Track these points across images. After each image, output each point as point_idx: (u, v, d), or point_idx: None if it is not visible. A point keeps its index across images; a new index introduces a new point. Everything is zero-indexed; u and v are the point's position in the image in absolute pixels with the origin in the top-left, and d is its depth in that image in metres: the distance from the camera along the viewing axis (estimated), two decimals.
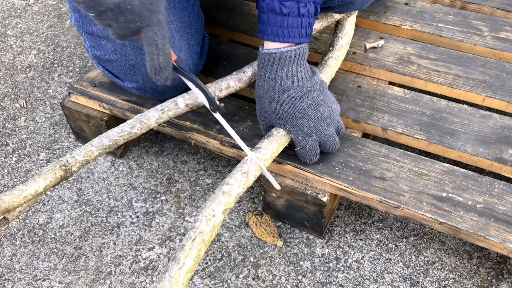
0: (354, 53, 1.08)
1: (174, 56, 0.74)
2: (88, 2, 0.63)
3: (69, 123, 1.14)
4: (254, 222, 0.99)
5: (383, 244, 0.95)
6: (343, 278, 0.91)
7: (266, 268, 0.93)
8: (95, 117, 1.06)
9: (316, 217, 0.92)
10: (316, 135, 0.84)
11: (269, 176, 0.85)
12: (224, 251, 0.96)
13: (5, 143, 1.19)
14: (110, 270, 0.94)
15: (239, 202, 1.03)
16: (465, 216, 0.80)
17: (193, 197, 1.05)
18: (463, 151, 0.89)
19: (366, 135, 0.99)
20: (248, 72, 0.90)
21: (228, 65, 1.08)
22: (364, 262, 0.93)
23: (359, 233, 0.97)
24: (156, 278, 0.92)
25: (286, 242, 0.96)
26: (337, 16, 1.00)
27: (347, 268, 0.92)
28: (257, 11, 0.81)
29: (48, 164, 1.12)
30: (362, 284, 0.90)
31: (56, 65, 1.39)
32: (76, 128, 1.14)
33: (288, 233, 0.98)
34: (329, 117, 0.85)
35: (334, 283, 0.90)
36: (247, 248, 0.96)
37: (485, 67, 1.03)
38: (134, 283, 0.92)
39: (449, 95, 1.01)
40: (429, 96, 0.99)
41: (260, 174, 0.81)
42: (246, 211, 1.01)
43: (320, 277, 0.91)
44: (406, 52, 1.07)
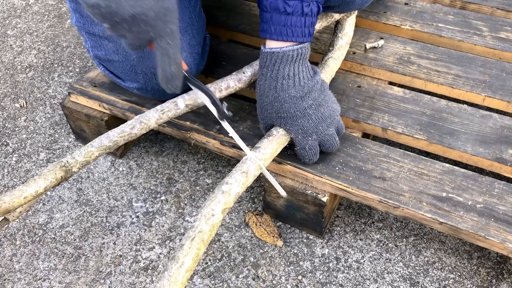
0: (354, 53, 1.08)
1: (185, 66, 0.75)
2: (104, 13, 0.63)
3: (69, 123, 1.14)
4: (254, 222, 0.99)
5: (383, 244, 0.95)
6: (343, 278, 0.91)
7: (266, 268, 0.93)
8: (95, 117, 1.06)
9: (316, 217, 0.92)
10: (316, 135, 0.84)
11: (275, 184, 0.85)
12: (224, 251, 0.96)
13: (5, 143, 1.19)
14: (110, 270, 0.94)
15: (239, 202, 1.03)
16: (465, 216, 0.80)
17: (193, 197, 1.05)
18: (463, 151, 0.89)
19: (366, 135, 0.99)
20: (248, 72, 0.90)
21: (228, 65, 1.08)
22: (364, 262, 0.93)
23: (359, 233, 0.97)
24: (156, 278, 0.92)
25: (286, 242, 0.96)
26: (337, 16, 1.00)
27: (347, 268, 0.92)
28: (258, 11, 0.81)
29: (48, 164, 1.13)
30: (362, 284, 0.90)
31: (56, 65, 1.39)
32: (76, 128, 1.14)
33: (288, 233, 0.98)
34: (329, 117, 0.85)
35: (334, 283, 0.90)
36: (247, 248, 0.96)
37: (485, 67, 1.03)
38: (134, 283, 0.92)
39: (449, 95, 1.01)
40: (429, 96, 0.99)
41: (262, 175, 0.81)
42: (246, 211, 1.01)
43: (320, 277, 0.91)
44: (406, 52, 1.07)
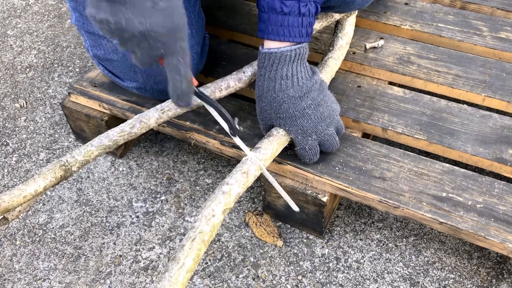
0: (354, 53, 1.08)
1: (196, 82, 0.74)
2: (113, 30, 0.63)
3: (69, 123, 1.14)
4: (254, 222, 0.99)
5: (383, 244, 0.95)
6: (343, 278, 0.91)
7: (266, 268, 0.93)
8: (95, 117, 1.06)
9: (316, 217, 0.92)
10: (316, 135, 0.84)
11: (287, 199, 0.85)
12: (224, 251, 0.96)
13: (5, 143, 1.19)
14: (110, 270, 0.94)
15: (239, 202, 1.03)
16: (465, 216, 0.80)
17: (193, 197, 1.05)
18: (463, 151, 0.89)
19: (366, 135, 0.99)
20: (248, 72, 0.90)
21: (228, 65, 1.08)
22: (364, 262, 0.93)
23: (359, 233, 0.97)
24: (156, 278, 0.92)
25: (286, 242, 0.96)
26: (337, 16, 1.00)
27: (347, 268, 0.92)
28: (257, 11, 0.81)
29: (48, 164, 1.13)
30: (362, 284, 0.90)
31: (56, 65, 1.39)
32: (76, 128, 1.14)
33: (288, 233, 0.98)
34: (328, 116, 0.85)
35: (334, 283, 0.90)
36: (247, 248, 0.96)
37: (485, 67, 1.03)
38: (134, 283, 0.92)
39: (449, 95, 1.01)
40: (429, 96, 0.99)
41: (261, 175, 0.81)
42: (246, 211, 1.01)
43: (320, 277, 0.91)
44: (406, 52, 1.07)
